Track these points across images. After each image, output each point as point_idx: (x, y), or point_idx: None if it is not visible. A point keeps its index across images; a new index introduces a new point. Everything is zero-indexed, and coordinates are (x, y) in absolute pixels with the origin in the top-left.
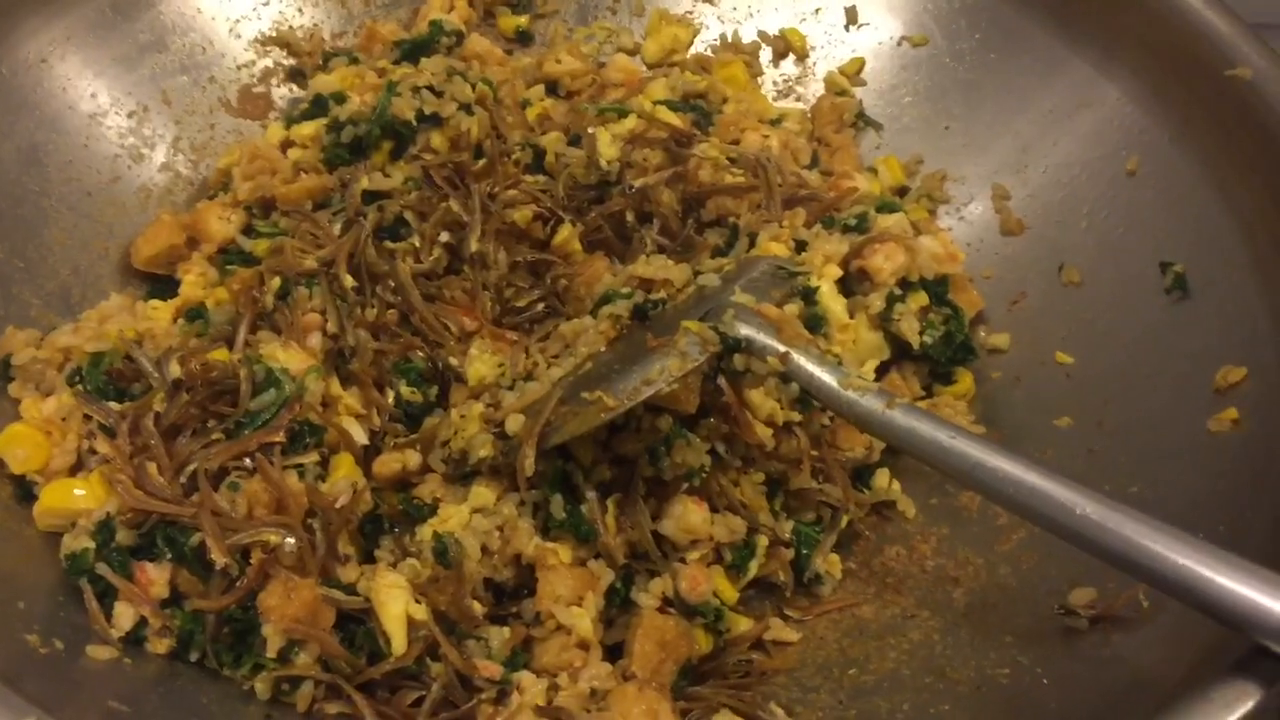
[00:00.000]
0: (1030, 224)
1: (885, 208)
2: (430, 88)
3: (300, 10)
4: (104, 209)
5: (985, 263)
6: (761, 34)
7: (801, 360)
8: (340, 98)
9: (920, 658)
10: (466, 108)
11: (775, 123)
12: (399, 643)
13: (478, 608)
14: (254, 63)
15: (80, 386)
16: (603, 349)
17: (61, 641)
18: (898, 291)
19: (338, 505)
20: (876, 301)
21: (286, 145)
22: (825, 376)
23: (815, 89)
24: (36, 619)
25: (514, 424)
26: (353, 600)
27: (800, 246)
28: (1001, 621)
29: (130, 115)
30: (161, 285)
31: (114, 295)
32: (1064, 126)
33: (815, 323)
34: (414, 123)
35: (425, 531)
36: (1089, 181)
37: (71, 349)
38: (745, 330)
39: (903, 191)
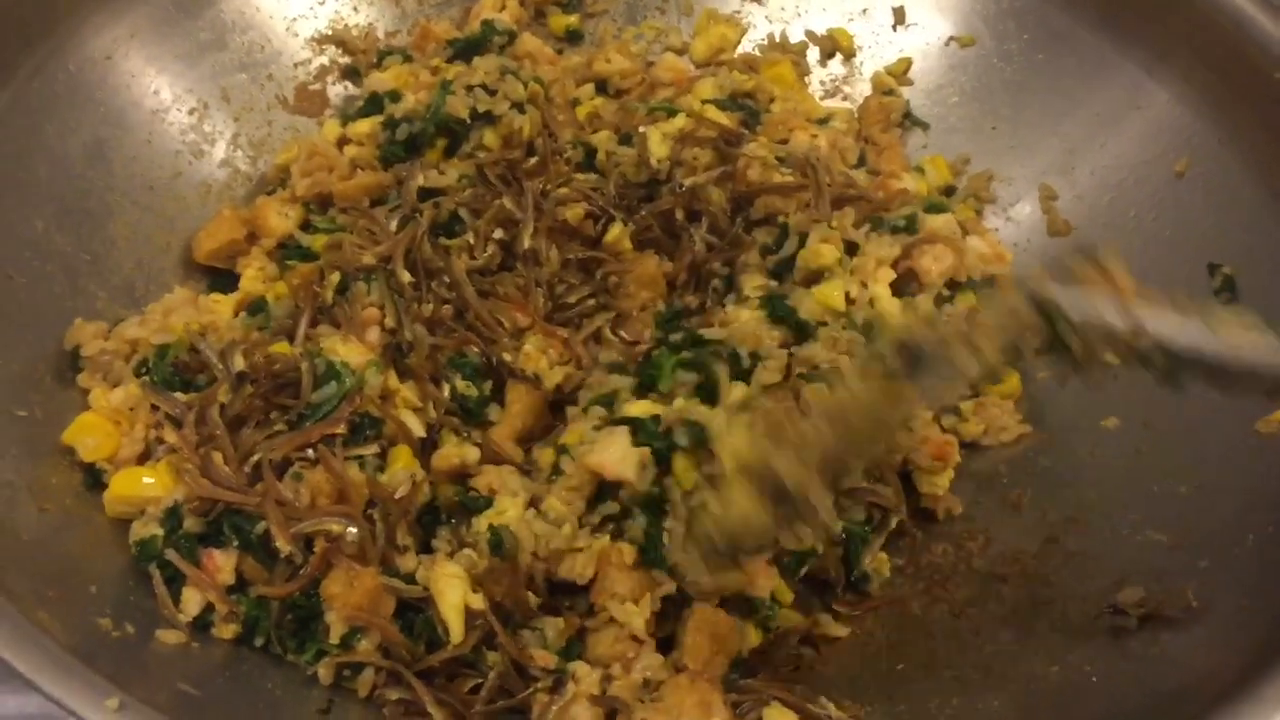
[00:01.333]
0: (1077, 225)
1: (933, 208)
2: (484, 86)
3: (355, 9)
4: (166, 203)
5: (1032, 263)
6: (809, 33)
7: (1157, 323)
8: (395, 96)
9: (968, 654)
10: (519, 106)
11: (823, 122)
12: (457, 631)
13: (533, 599)
14: (310, 60)
15: (147, 377)
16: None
17: (133, 625)
18: (945, 293)
19: (397, 496)
20: (925, 303)
21: (343, 142)
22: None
23: (862, 89)
24: (108, 603)
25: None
26: (412, 589)
27: (850, 247)
28: (1050, 619)
29: (191, 112)
30: (222, 279)
31: (177, 289)
32: (1112, 128)
33: (869, 330)
34: (468, 121)
35: (481, 523)
36: (1137, 183)
37: (138, 341)
38: (1066, 299)
39: (949, 191)
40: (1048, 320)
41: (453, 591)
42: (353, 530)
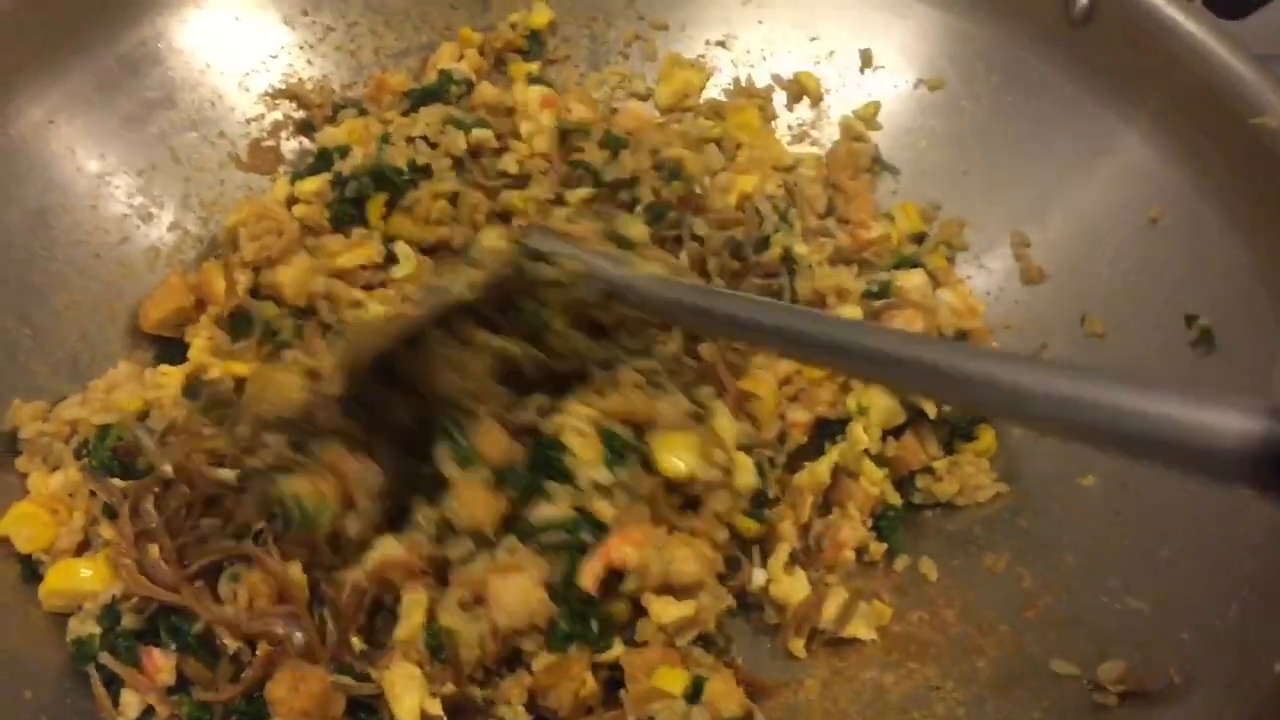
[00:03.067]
0: (1051, 273)
1: (904, 263)
2: (424, 138)
3: (310, 62)
4: (112, 270)
5: (1006, 313)
6: (775, 77)
7: (596, 261)
8: (344, 151)
9: None
10: (459, 162)
11: (790, 169)
12: None
13: (478, 693)
14: (263, 116)
15: (87, 459)
16: None
17: None
18: None
19: (344, 595)
20: None
21: (292, 201)
22: (615, 269)
23: (830, 133)
24: (43, 708)
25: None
26: (364, 687)
27: None
28: (1028, 695)
29: (139, 173)
30: (172, 347)
31: (122, 363)
32: (1084, 173)
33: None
34: (404, 173)
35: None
36: (1111, 229)
37: (78, 421)
38: (542, 244)
39: (920, 238)
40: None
41: (409, 696)
42: (299, 634)
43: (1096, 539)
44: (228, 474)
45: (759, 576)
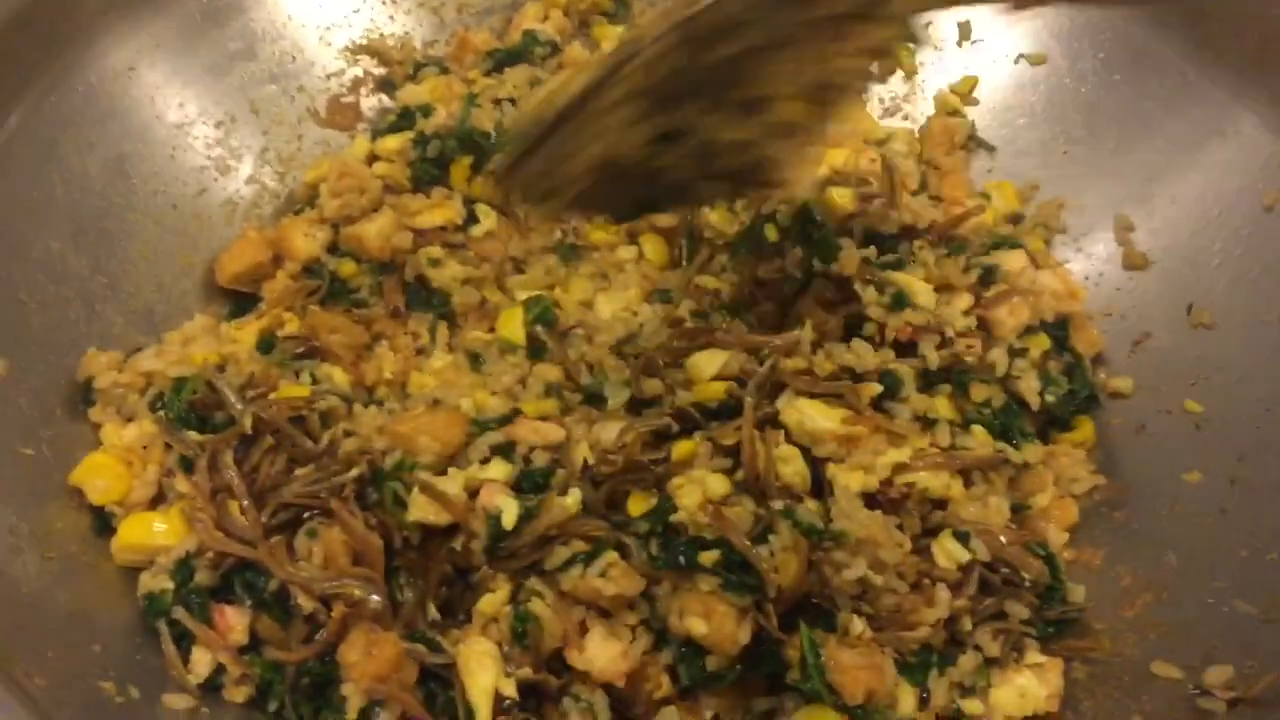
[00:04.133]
0: (1156, 259)
1: (1004, 243)
2: (512, 100)
3: (392, 17)
4: (189, 223)
5: (1106, 299)
6: None
7: None
8: (427, 110)
9: None
10: None
11: (882, 143)
12: (484, 718)
13: (553, 680)
14: (343, 71)
15: (163, 413)
16: None
17: (137, 689)
18: (1017, 344)
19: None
20: (1000, 360)
21: (373, 159)
22: None
23: (924, 108)
24: (113, 664)
25: None
26: (438, 657)
27: None
28: (1128, 699)
29: (218, 125)
30: (246, 302)
31: (198, 316)
32: (1195, 155)
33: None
34: (491, 137)
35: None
36: (1222, 216)
37: (154, 373)
38: None
39: (1017, 219)
40: None
41: (484, 673)
42: (375, 598)
43: (1202, 537)
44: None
45: None
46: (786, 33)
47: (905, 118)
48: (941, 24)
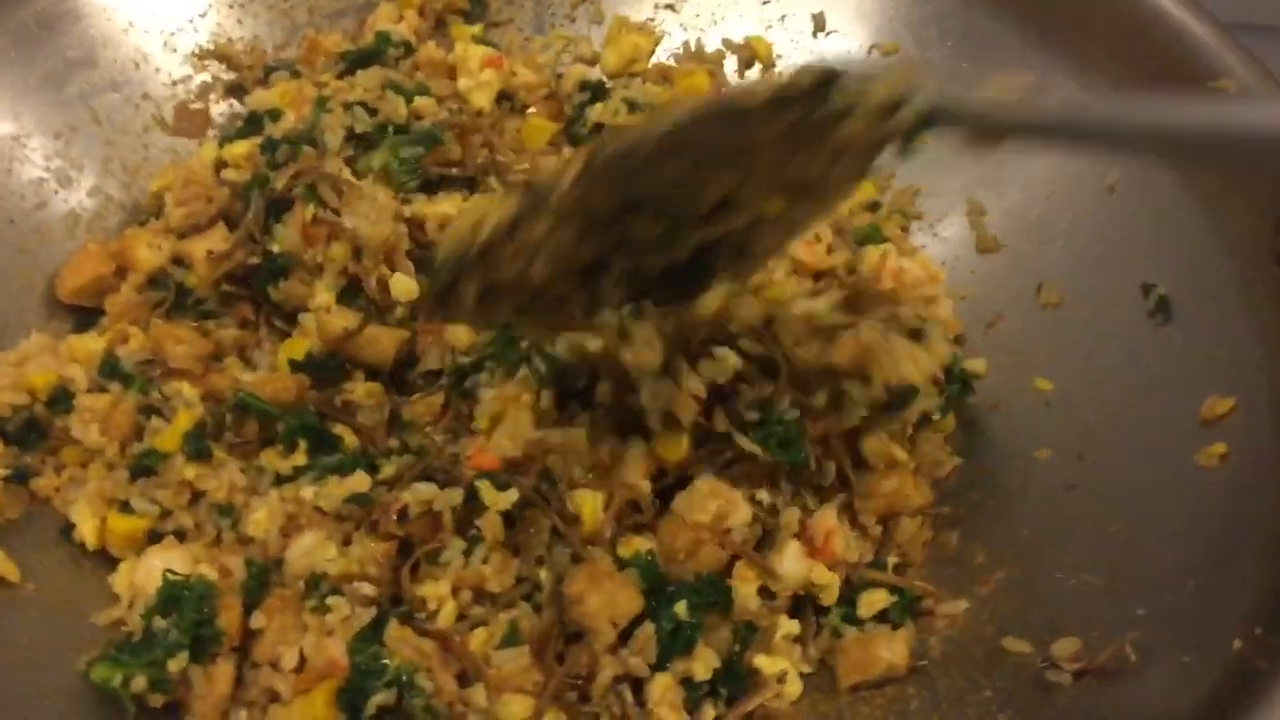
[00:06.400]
0: (1007, 241)
1: (869, 238)
2: (363, 104)
3: (240, 21)
4: (28, 237)
5: (961, 282)
6: (726, 42)
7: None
8: (275, 114)
9: (895, 713)
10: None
11: None
12: None
13: None
14: (191, 78)
15: None
16: None
17: None
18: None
19: None
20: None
21: (220, 166)
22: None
23: None
24: None
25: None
26: None
27: None
28: (980, 674)
29: (57, 136)
30: (89, 317)
31: (34, 334)
32: None
33: None
34: (341, 141)
35: None
36: (1067, 197)
37: None
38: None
39: (874, 207)
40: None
41: None
42: None
43: (1050, 513)
44: None
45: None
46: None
47: None
48: (796, 16)
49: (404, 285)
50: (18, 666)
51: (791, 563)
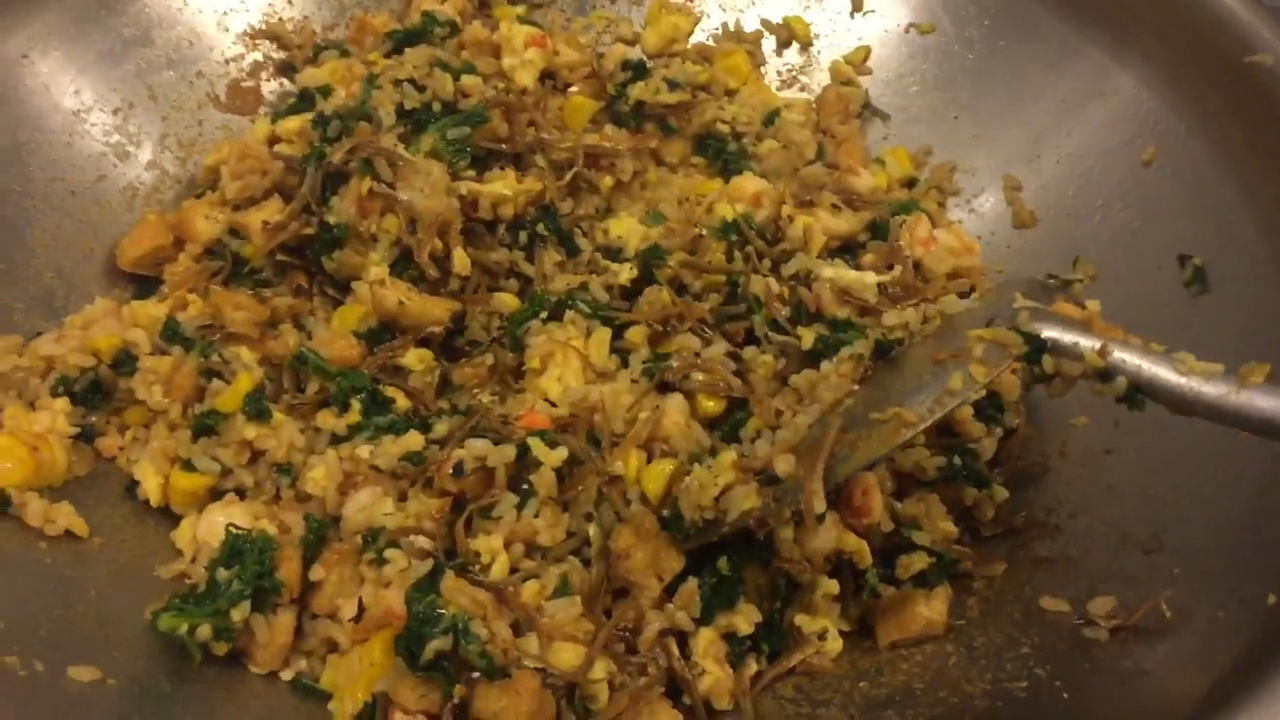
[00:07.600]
0: (1043, 216)
1: (904, 209)
2: (412, 81)
3: (290, 2)
4: (89, 209)
5: (998, 257)
6: (764, 22)
7: (1124, 353)
8: (326, 91)
9: (934, 670)
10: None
11: (778, 113)
12: None
13: None
14: (243, 56)
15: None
16: (850, 390)
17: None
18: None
19: None
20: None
21: (273, 141)
22: (1157, 366)
23: (820, 78)
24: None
25: (785, 464)
26: None
27: None
28: (1018, 631)
29: (115, 112)
30: (148, 286)
31: (98, 299)
32: (1077, 115)
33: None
34: (394, 117)
35: None
36: (1103, 172)
37: (54, 358)
38: (1048, 330)
39: (911, 184)
40: (1034, 350)
41: None
42: None
43: (1088, 477)
44: None
45: None
46: None
47: (802, 89)
48: None
49: (462, 260)
50: (87, 617)
51: (825, 531)
